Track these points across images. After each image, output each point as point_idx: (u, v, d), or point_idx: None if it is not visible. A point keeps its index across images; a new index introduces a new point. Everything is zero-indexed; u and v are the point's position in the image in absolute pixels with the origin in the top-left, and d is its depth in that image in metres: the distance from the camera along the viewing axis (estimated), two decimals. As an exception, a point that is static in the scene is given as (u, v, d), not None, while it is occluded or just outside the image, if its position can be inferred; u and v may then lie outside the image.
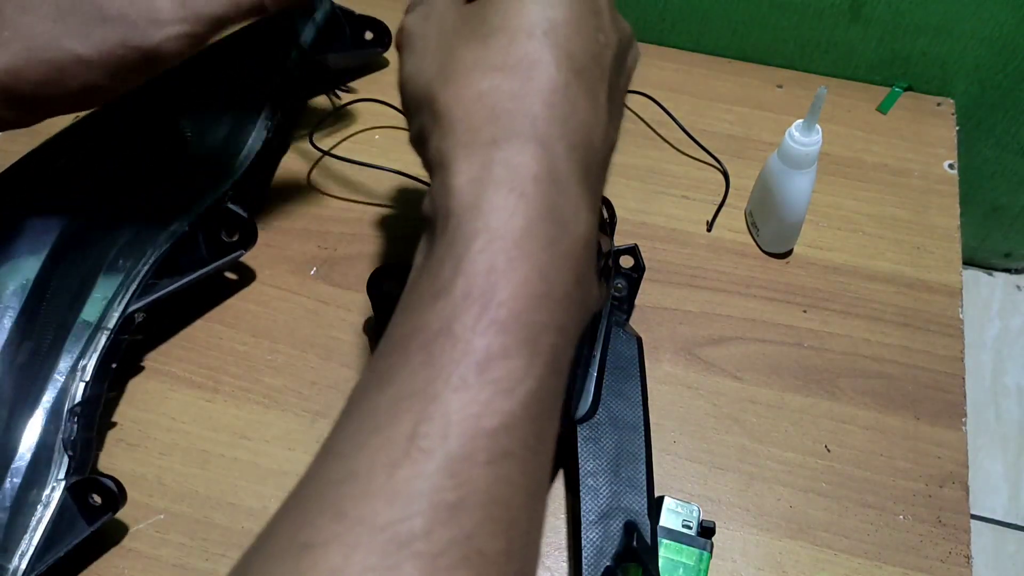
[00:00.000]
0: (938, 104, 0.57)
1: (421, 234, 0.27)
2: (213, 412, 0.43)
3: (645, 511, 0.37)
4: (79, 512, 0.37)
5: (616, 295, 0.44)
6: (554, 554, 0.39)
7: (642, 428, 0.39)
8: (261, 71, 0.48)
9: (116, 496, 0.37)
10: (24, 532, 0.37)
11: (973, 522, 0.41)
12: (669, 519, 0.37)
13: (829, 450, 0.43)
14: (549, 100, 0.26)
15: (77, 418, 0.38)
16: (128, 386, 0.44)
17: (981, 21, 0.55)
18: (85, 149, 0.44)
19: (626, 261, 0.44)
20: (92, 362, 0.40)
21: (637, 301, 0.46)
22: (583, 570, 0.36)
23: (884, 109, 0.56)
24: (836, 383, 0.45)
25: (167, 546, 0.39)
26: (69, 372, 0.39)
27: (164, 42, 0.34)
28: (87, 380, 0.39)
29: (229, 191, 0.44)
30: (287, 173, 0.52)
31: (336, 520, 0.21)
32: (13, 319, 0.39)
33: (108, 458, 0.42)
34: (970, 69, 0.58)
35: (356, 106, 0.55)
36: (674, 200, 0.52)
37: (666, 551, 0.37)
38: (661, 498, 0.38)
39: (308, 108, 0.55)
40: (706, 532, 0.37)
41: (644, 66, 0.33)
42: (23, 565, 0.36)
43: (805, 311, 0.47)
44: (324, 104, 0.55)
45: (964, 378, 0.45)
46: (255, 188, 0.49)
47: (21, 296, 0.40)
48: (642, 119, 0.55)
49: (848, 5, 0.56)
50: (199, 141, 0.45)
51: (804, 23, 0.57)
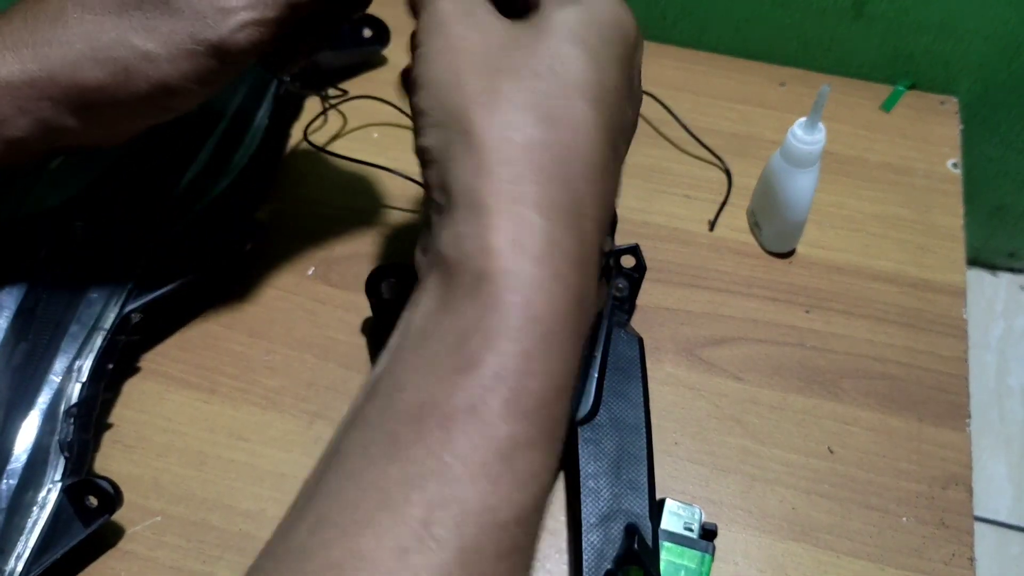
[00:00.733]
0: (942, 102, 0.57)
1: (428, 261, 0.26)
2: (210, 413, 0.43)
3: (646, 513, 0.37)
4: (75, 514, 0.37)
5: (617, 295, 0.43)
6: (554, 557, 0.39)
7: (643, 430, 0.39)
8: (259, 69, 0.48)
9: (112, 498, 0.37)
10: (20, 534, 0.36)
11: (977, 524, 0.41)
12: (671, 521, 0.37)
13: (832, 451, 0.42)
14: (591, 176, 0.25)
15: (73, 419, 0.38)
16: (124, 387, 0.44)
17: (985, 19, 0.55)
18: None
19: (627, 261, 0.44)
20: (88, 363, 0.39)
21: (638, 301, 0.46)
22: (584, 573, 0.35)
23: (887, 107, 0.56)
24: (839, 384, 0.44)
25: (164, 548, 0.39)
26: (65, 373, 0.39)
27: (235, 32, 0.32)
28: (83, 381, 0.39)
29: (226, 190, 0.44)
30: (285, 172, 0.52)
31: None
32: (9, 320, 0.39)
33: (104, 460, 0.41)
34: (974, 67, 0.57)
35: (354, 104, 0.54)
36: (676, 199, 0.51)
37: (668, 554, 0.36)
38: (662, 500, 0.38)
39: (306, 106, 0.55)
40: (708, 534, 0.37)
41: (646, 64, 0.32)
42: (19, 567, 0.36)
43: (808, 311, 0.47)
44: (322, 103, 0.55)
45: (968, 379, 0.45)
46: (253, 187, 0.49)
47: (17, 296, 0.40)
48: (643, 117, 0.55)
49: (851, 2, 0.55)
50: (197, 140, 0.45)
51: (807, 21, 0.57)
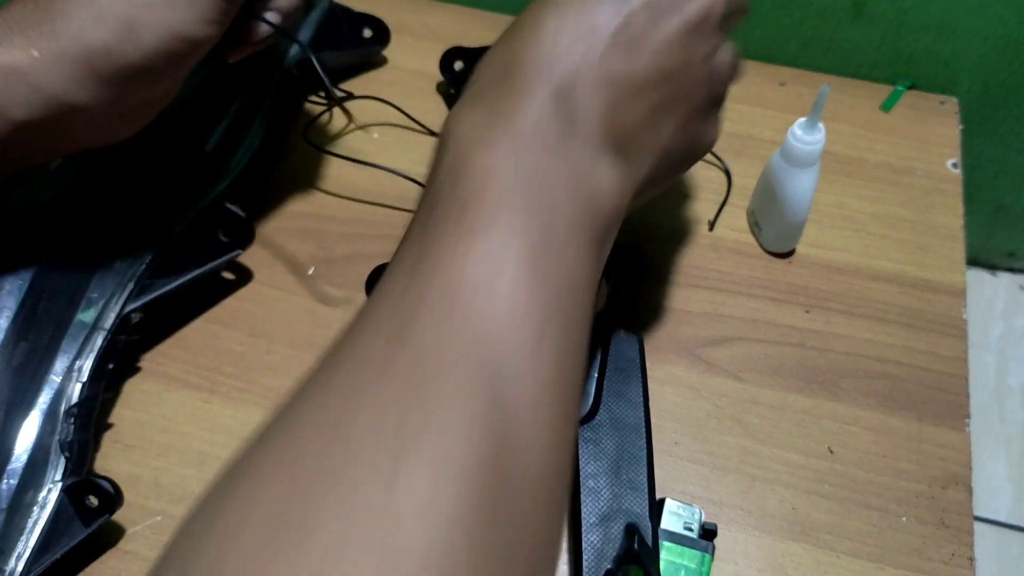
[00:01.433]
0: (941, 103, 0.57)
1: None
2: (210, 413, 0.43)
3: (646, 513, 0.37)
4: (76, 514, 0.37)
5: (617, 295, 0.43)
6: (554, 556, 0.39)
7: (643, 429, 0.39)
8: (258, 69, 0.48)
9: (113, 498, 0.37)
10: (20, 534, 0.36)
11: (976, 524, 0.41)
12: (670, 521, 0.37)
13: (832, 451, 0.42)
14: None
15: (74, 419, 0.38)
16: (124, 387, 0.44)
17: (985, 19, 0.54)
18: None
19: (627, 261, 0.44)
20: (89, 363, 0.39)
21: (638, 301, 0.46)
22: (584, 573, 0.36)
23: (887, 107, 0.56)
24: (839, 384, 0.44)
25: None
26: (66, 373, 0.39)
27: None
28: (84, 381, 0.39)
29: (226, 190, 0.44)
30: (285, 172, 0.52)
31: None
32: (9, 319, 0.39)
33: (104, 460, 0.42)
34: (974, 67, 0.57)
35: (355, 104, 0.54)
36: (676, 199, 0.51)
37: (667, 553, 0.36)
38: (662, 500, 0.38)
39: (306, 107, 0.55)
40: (708, 534, 0.37)
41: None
42: (19, 567, 0.36)
43: (808, 311, 0.47)
44: (322, 103, 0.55)
45: (967, 379, 0.45)
46: (253, 187, 0.49)
47: (18, 296, 0.40)
48: (643, 118, 0.55)
49: (851, 2, 0.55)
50: (196, 140, 0.45)
51: (807, 21, 0.57)
